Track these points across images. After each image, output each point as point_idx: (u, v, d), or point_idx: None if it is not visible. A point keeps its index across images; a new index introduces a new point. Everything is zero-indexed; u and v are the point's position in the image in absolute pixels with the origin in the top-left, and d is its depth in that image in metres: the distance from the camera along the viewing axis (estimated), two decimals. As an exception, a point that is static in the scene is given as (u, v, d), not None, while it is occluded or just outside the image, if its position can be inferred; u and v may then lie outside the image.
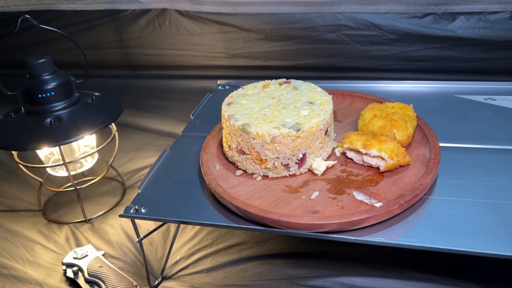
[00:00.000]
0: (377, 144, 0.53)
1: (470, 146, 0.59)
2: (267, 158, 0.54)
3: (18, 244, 0.71)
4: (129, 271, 0.63)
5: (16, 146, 0.67)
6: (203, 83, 1.18)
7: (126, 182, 0.84)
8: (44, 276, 0.64)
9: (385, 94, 0.71)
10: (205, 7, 1.13)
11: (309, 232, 0.47)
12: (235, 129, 0.55)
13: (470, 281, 0.54)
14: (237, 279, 0.59)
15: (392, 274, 0.56)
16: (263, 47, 1.13)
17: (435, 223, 0.46)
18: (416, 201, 0.49)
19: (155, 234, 0.68)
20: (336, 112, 0.69)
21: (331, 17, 1.05)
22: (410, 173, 0.53)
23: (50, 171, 0.77)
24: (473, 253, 0.43)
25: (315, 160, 0.55)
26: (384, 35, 1.03)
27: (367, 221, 0.46)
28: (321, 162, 0.55)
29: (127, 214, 0.53)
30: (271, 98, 0.59)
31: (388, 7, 1.01)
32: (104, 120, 0.71)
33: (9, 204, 0.81)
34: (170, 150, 0.65)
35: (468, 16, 0.97)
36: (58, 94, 0.68)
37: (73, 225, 0.74)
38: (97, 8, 1.21)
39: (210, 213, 0.52)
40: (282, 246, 0.63)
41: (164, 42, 1.20)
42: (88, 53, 0.76)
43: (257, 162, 0.55)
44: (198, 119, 0.74)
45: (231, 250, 0.64)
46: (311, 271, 0.58)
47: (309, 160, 0.55)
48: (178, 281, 0.61)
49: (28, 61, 0.67)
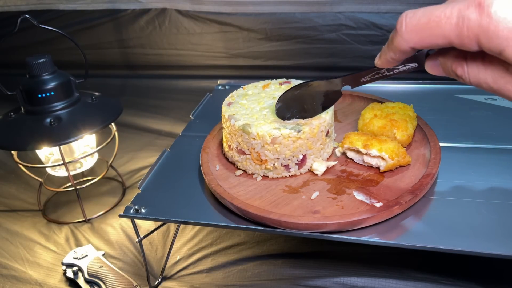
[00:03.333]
0: (378, 144, 0.53)
1: (470, 146, 0.59)
2: (267, 159, 0.54)
3: (18, 244, 0.71)
4: (129, 271, 0.63)
5: (15, 146, 0.67)
6: (203, 83, 1.18)
7: (126, 182, 0.84)
8: (44, 276, 0.64)
9: (385, 94, 0.71)
10: (205, 7, 1.13)
11: (309, 232, 0.47)
12: (235, 129, 0.55)
13: (470, 281, 0.54)
14: (237, 279, 0.59)
15: (392, 274, 0.56)
16: (263, 47, 1.13)
17: (435, 223, 0.46)
18: (416, 201, 0.49)
19: (155, 234, 0.68)
20: (336, 112, 0.68)
21: (331, 17, 1.05)
22: (410, 173, 0.53)
23: (50, 171, 0.77)
24: (473, 253, 0.43)
25: (315, 161, 0.55)
26: (385, 34, 1.03)
27: (367, 221, 0.46)
28: (321, 163, 0.55)
29: (127, 214, 0.53)
30: (272, 98, 0.59)
31: (388, 6, 1.01)
32: (104, 120, 0.71)
33: (9, 204, 0.81)
34: (170, 150, 0.65)
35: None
36: (58, 94, 0.68)
37: (73, 225, 0.74)
38: (97, 7, 1.21)
39: (210, 213, 0.52)
40: (282, 246, 0.63)
41: (164, 41, 1.20)
42: (88, 53, 0.76)
43: (257, 163, 0.55)
44: (198, 119, 0.74)
45: (231, 250, 0.64)
46: (311, 271, 0.58)
47: (309, 161, 0.55)
48: (178, 281, 0.60)
49: (28, 61, 0.67)
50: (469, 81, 0.33)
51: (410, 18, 0.32)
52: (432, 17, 0.31)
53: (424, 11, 0.31)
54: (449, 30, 0.30)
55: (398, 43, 0.34)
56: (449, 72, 0.35)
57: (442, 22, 0.30)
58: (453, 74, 0.34)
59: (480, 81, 0.32)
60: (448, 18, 0.30)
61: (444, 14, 0.30)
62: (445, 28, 0.30)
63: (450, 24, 0.30)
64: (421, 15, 0.32)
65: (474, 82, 0.33)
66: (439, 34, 0.31)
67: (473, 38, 0.29)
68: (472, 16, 0.29)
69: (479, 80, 0.32)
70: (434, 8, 0.31)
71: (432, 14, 0.31)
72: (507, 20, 0.28)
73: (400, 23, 0.33)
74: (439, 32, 0.31)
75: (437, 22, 0.30)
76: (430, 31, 0.31)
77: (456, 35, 0.30)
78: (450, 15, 0.30)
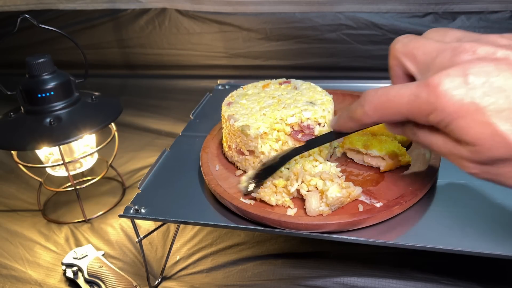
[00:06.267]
0: (378, 144, 0.53)
1: (470, 146, 0.59)
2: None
3: (18, 244, 0.71)
4: (129, 271, 0.63)
5: (15, 146, 0.67)
6: (203, 82, 1.18)
7: (126, 182, 0.84)
8: (43, 276, 0.64)
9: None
10: (205, 7, 1.13)
11: (309, 232, 0.47)
12: (235, 130, 0.55)
13: (470, 281, 0.54)
14: (237, 279, 0.59)
15: (392, 274, 0.56)
16: (263, 47, 1.13)
17: (435, 223, 0.46)
18: (416, 201, 0.49)
19: (155, 234, 0.68)
20: (336, 112, 0.68)
21: (331, 17, 1.05)
22: (410, 173, 0.53)
23: (49, 171, 0.77)
24: (473, 253, 0.43)
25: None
26: (385, 34, 1.02)
27: (367, 221, 0.46)
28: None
29: (127, 214, 0.53)
30: (271, 98, 0.59)
31: (389, 6, 1.01)
32: (103, 120, 0.71)
33: (9, 204, 0.81)
34: (170, 150, 0.65)
35: (469, 15, 0.96)
36: (57, 94, 0.68)
37: (73, 225, 0.74)
38: (96, 7, 1.21)
39: (210, 213, 0.52)
40: (282, 246, 0.63)
41: (164, 41, 1.20)
42: (87, 52, 0.76)
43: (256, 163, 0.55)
44: (198, 119, 0.74)
45: (231, 250, 0.64)
46: (311, 271, 0.58)
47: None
48: (178, 281, 0.60)
49: (28, 60, 0.67)
50: (423, 143, 0.36)
51: (372, 96, 0.36)
52: (389, 96, 0.34)
53: (383, 90, 0.35)
54: (403, 107, 0.33)
55: (362, 117, 0.37)
56: (408, 135, 0.37)
57: (397, 101, 0.34)
58: (412, 137, 0.37)
59: (432, 143, 0.35)
60: (401, 96, 0.33)
61: (399, 94, 0.33)
62: (399, 105, 0.33)
63: (403, 102, 0.33)
64: (381, 94, 0.35)
65: (426, 143, 0.35)
66: (396, 111, 0.34)
67: (423, 115, 0.32)
68: (422, 94, 0.31)
69: (431, 143, 0.35)
70: (391, 88, 0.34)
71: (389, 93, 0.34)
72: (453, 97, 0.30)
73: (364, 98, 0.36)
74: (396, 110, 0.34)
75: (392, 101, 0.34)
76: (388, 110, 0.35)
77: (408, 112, 0.33)
78: (403, 94, 0.33)
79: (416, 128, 0.35)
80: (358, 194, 0.48)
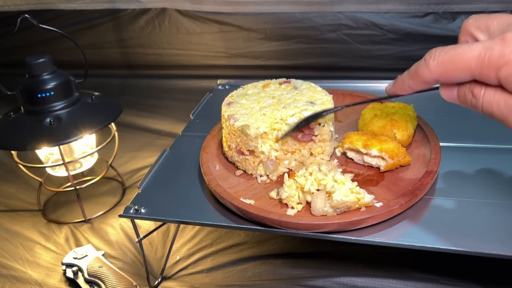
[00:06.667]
0: (378, 144, 0.53)
1: (470, 145, 0.59)
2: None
3: (18, 244, 0.71)
4: (129, 271, 0.63)
5: (15, 146, 0.67)
6: (203, 82, 1.18)
7: (126, 182, 0.84)
8: (43, 276, 0.64)
9: (385, 94, 0.71)
10: (205, 7, 1.13)
11: (309, 232, 0.47)
12: (235, 130, 0.55)
13: (470, 281, 0.54)
14: (237, 279, 0.59)
15: (392, 274, 0.56)
16: (263, 47, 1.13)
17: (435, 223, 0.46)
18: (416, 201, 0.49)
19: (155, 234, 0.68)
20: (336, 112, 0.68)
21: (331, 17, 1.05)
22: (410, 173, 0.53)
23: (49, 171, 0.77)
24: (473, 253, 0.43)
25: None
26: (385, 34, 1.02)
27: (367, 221, 0.46)
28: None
29: (127, 214, 0.53)
30: (271, 97, 0.59)
31: (389, 6, 1.01)
32: (103, 120, 0.71)
33: (9, 204, 0.81)
34: (170, 150, 0.65)
35: (469, 15, 0.96)
36: (57, 94, 0.68)
37: (73, 225, 0.74)
38: (96, 7, 1.20)
39: (210, 213, 0.52)
40: (282, 246, 0.63)
41: (164, 41, 1.20)
42: (87, 52, 0.76)
43: (256, 163, 0.55)
44: (198, 119, 0.74)
45: (231, 250, 0.64)
46: (311, 271, 0.58)
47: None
48: (178, 281, 0.60)
49: (28, 60, 0.67)
50: (481, 103, 0.35)
51: (439, 51, 0.35)
52: (458, 50, 0.34)
53: (452, 46, 0.34)
54: (471, 61, 0.33)
55: (423, 73, 0.36)
56: (464, 96, 0.37)
57: (466, 54, 0.33)
58: (468, 97, 0.36)
59: (492, 104, 0.34)
60: (472, 50, 0.33)
61: (469, 48, 0.33)
62: (468, 59, 0.33)
63: (473, 55, 0.33)
64: (449, 49, 0.35)
65: (485, 104, 0.35)
66: (462, 66, 0.34)
67: (492, 68, 0.32)
68: (495, 47, 0.32)
69: (492, 103, 0.34)
70: (459, 45, 0.34)
71: (458, 48, 0.34)
72: None
73: (430, 54, 0.36)
74: (462, 64, 0.33)
75: (462, 54, 0.33)
76: (454, 64, 0.34)
77: (477, 65, 0.33)
78: (474, 48, 0.33)
79: (478, 87, 0.35)
80: (367, 202, 0.47)
